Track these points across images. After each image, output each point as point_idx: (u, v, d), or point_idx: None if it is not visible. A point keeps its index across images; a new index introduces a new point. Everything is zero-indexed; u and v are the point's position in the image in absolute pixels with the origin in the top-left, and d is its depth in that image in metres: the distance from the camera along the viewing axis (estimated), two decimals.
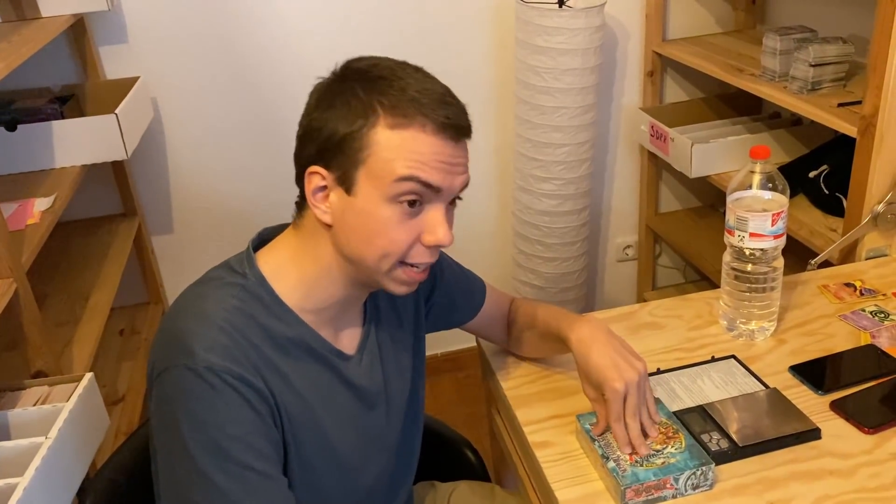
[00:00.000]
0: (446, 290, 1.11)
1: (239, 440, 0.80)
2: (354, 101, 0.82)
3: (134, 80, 1.81)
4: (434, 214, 0.85)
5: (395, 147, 0.81)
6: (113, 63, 1.89)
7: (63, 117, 1.69)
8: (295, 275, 0.89)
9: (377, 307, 1.01)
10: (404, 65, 0.86)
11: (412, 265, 0.87)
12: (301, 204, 0.90)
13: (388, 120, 0.81)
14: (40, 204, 1.45)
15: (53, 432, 1.11)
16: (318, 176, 0.85)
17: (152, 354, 0.85)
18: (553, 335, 1.07)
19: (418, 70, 0.86)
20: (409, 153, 0.81)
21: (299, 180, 0.87)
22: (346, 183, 0.83)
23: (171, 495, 0.84)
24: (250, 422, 0.82)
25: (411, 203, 0.83)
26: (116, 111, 1.59)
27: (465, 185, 0.87)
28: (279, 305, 0.88)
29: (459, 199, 0.89)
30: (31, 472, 1.03)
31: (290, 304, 0.88)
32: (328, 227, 0.86)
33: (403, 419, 1.04)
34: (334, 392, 0.93)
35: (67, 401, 1.19)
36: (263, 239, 0.94)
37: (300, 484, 0.89)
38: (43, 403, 1.21)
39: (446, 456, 1.30)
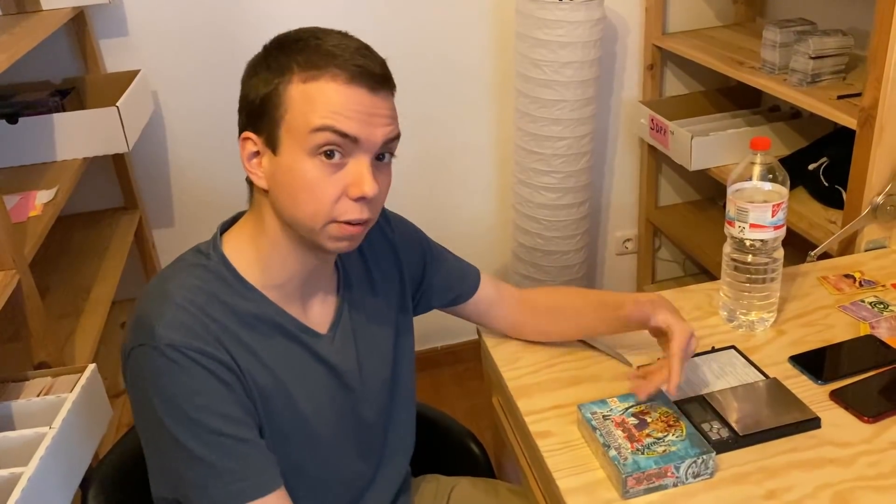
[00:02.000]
0: (440, 268, 1.12)
1: (208, 409, 0.83)
2: (273, 64, 0.85)
3: (135, 73, 1.81)
4: (357, 166, 0.84)
5: (309, 99, 0.82)
6: (113, 56, 1.89)
7: (64, 110, 1.69)
8: (252, 252, 0.91)
9: (350, 284, 1.01)
10: (328, 29, 0.87)
11: (345, 222, 0.86)
12: (248, 181, 0.92)
13: (302, 75, 0.83)
14: (42, 196, 1.45)
15: (57, 422, 1.12)
16: (249, 141, 0.87)
17: (125, 335, 0.88)
18: (613, 302, 1.13)
19: (340, 32, 0.87)
20: (323, 104, 0.82)
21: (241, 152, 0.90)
22: (272, 144, 0.85)
23: (159, 468, 0.87)
24: (216, 391, 0.84)
25: (329, 154, 0.83)
26: (117, 104, 1.59)
27: (392, 139, 0.87)
28: (241, 283, 0.89)
29: (393, 155, 0.89)
30: (35, 461, 1.04)
31: (253, 281, 0.90)
32: (266, 193, 0.88)
33: (387, 400, 1.04)
34: (306, 368, 0.94)
35: (71, 392, 1.20)
36: (235, 219, 0.97)
37: (277, 456, 0.90)
38: (46, 394, 1.21)
39: (449, 448, 1.30)
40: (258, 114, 0.86)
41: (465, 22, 2.05)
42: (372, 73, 0.83)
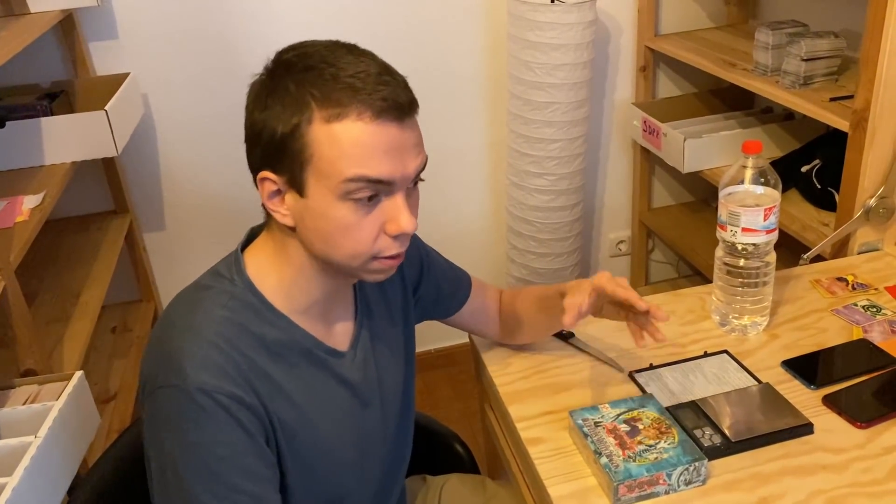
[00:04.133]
0: (433, 280, 1.11)
1: (229, 462, 0.80)
2: (287, 98, 0.78)
3: (124, 76, 1.80)
4: (393, 203, 0.81)
5: (336, 142, 0.76)
6: (103, 59, 1.88)
7: (52, 114, 1.67)
8: (275, 277, 0.87)
9: (367, 300, 1.00)
10: (334, 47, 0.80)
11: (385, 257, 0.84)
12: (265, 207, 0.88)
13: (323, 113, 0.76)
14: (29, 201, 1.44)
15: (43, 431, 1.10)
16: (269, 181, 0.82)
17: (144, 367, 0.84)
18: (553, 292, 1.08)
19: (350, 51, 0.80)
20: (352, 148, 0.76)
21: (256, 185, 0.85)
22: (296, 185, 0.80)
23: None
24: (241, 442, 0.81)
25: (368, 198, 0.79)
26: (106, 107, 1.58)
27: (423, 166, 0.83)
28: (270, 310, 0.86)
29: (421, 179, 0.85)
30: (19, 471, 1.03)
31: (279, 306, 0.87)
32: (292, 229, 0.84)
33: (398, 412, 1.04)
34: (329, 392, 0.92)
35: (57, 399, 1.18)
36: (250, 238, 0.93)
37: (300, 486, 0.89)
38: (32, 402, 1.20)
39: (436, 450, 1.30)
40: (277, 154, 0.79)
41: (457, 24, 2.04)
42: (399, 104, 0.78)
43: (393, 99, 0.77)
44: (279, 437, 0.86)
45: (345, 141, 0.76)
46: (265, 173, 0.82)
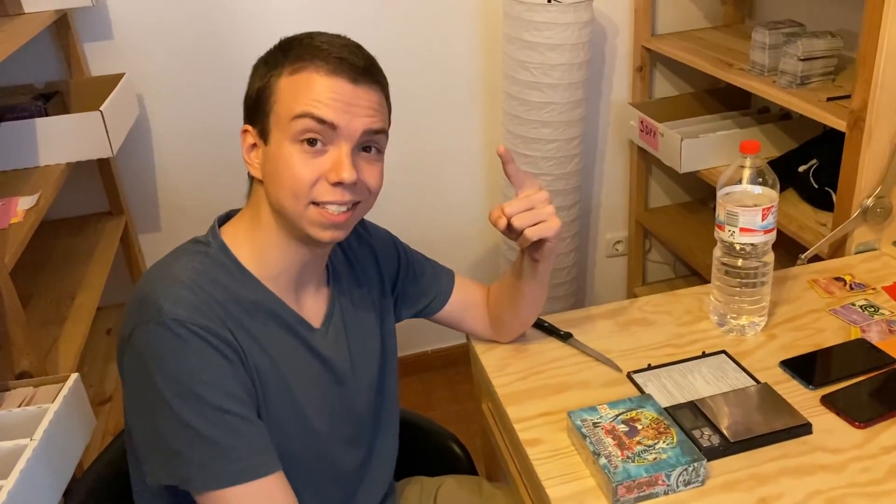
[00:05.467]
0: (412, 275, 1.13)
1: (213, 385, 0.83)
2: (270, 60, 0.90)
3: (119, 76, 1.79)
4: (336, 153, 0.88)
5: (294, 89, 0.87)
6: (98, 59, 1.87)
7: (47, 114, 1.66)
8: (249, 243, 0.93)
9: (339, 281, 1.04)
10: (325, 32, 0.91)
11: (324, 204, 0.89)
12: (250, 175, 0.95)
13: (290, 67, 0.88)
14: (24, 203, 1.43)
15: (38, 434, 1.10)
16: (248, 134, 0.92)
17: (123, 322, 0.87)
18: (516, 267, 1.11)
19: (336, 35, 0.91)
20: (305, 92, 0.86)
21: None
22: (264, 135, 0.90)
23: (152, 451, 0.84)
24: (221, 367, 0.84)
25: (311, 141, 0.87)
26: (101, 108, 1.57)
27: (375, 131, 0.90)
28: (241, 270, 0.92)
29: (381, 152, 0.93)
30: (15, 474, 1.02)
31: (252, 271, 0.92)
32: (261, 183, 0.92)
33: (374, 399, 1.05)
34: (301, 360, 0.95)
35: (53, 402, 1.18)
36: (230, 215, 0.99)
37: (273, 441, 0.90)
38: (28, 405, 1.19)
39: (432, 451, 1.30)
40: (254, 107, 0.91)
41: (453, 24, 2.04)
42: (353, 66, 0.88)
43: (349, 61, 0.88)
44: (254, 378, 0.89)
45: (300, 86, 0.87)
46: (245, 126, 0.93)
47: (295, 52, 0.88)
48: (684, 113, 2.12)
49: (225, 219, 0.98)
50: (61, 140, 1.58)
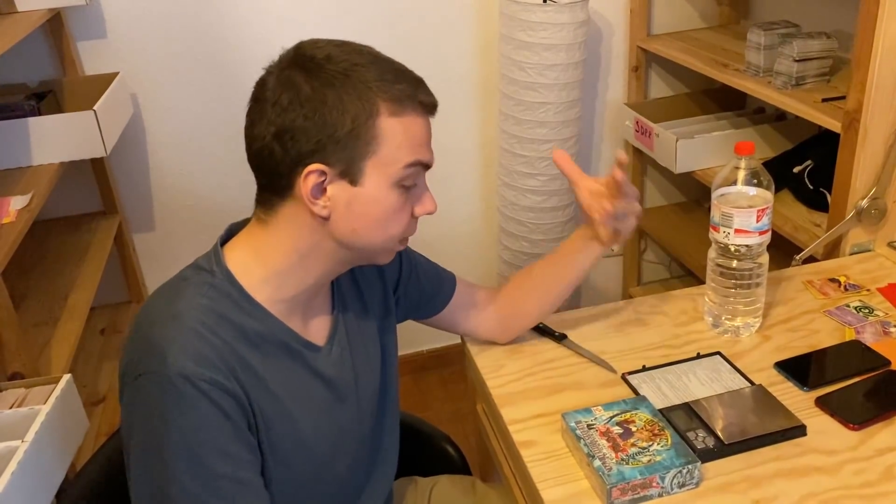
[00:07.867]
0: (414, 277, 1.12)
1: (212, 446, 0.81)
2: (346, 97, 0.83)
3: (113, 75, 1.78)
4: (423, 187, 0.92)
5: (402, 134, 0.86)
6: (91, 58, 1.86)
7: (40, 113, 1.66)
8: (261, 268, 0.89)
9: (343, 296, 1.02)
10: (352, 48, 0.87)
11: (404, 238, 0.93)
12: (268, 200, 0.89)
13: (389, 108, 0.85)
14: (16, 202, 1.42)
15: (30, 435, 1.09)
16: (315, 174, 0.84)
17: (125, 357, 0.85)
18: (559, 248, 1.20)
19: (371, 52, 0.88)
20: (412, 138, 0.87)
21: (278, 179, 0.86)
22: (350, 175, 0.85)
23: (147, 491, 0.84)
24: (223, 427, 0.82)
25: (413, 185, 0.89)
26: (95, 107, 1.56)
27: None
28: (248, 301, 0.88)
29: None
30: (6, 476, 1.01)
31: (259, 298, 0.89)
32: (324, 219, 0.87)
33: (375, 412, 1.04)
34: (306, 385, 0.93)
35: (45, 403, 1.17)
36: (231, 234, 0.94)
37: (276, 480, 0.90)
38: (19, 406, 1.19)
39: (426, 451, 1.30)
40: (337, 146, 0.83)
41: (448, 24, 2.03)
42: (434, 104, 0.91)
43: (432, 97, 0.90)
44: (259, 426, 0.87)
45: (409, 132, 0.87)
46: (315, 166, 0.84)
47: (383, 89, 0.84)
48: (680, 113, 2.12)
49: (226, 236, 0.94)
50: (54, 139, 1.57)
